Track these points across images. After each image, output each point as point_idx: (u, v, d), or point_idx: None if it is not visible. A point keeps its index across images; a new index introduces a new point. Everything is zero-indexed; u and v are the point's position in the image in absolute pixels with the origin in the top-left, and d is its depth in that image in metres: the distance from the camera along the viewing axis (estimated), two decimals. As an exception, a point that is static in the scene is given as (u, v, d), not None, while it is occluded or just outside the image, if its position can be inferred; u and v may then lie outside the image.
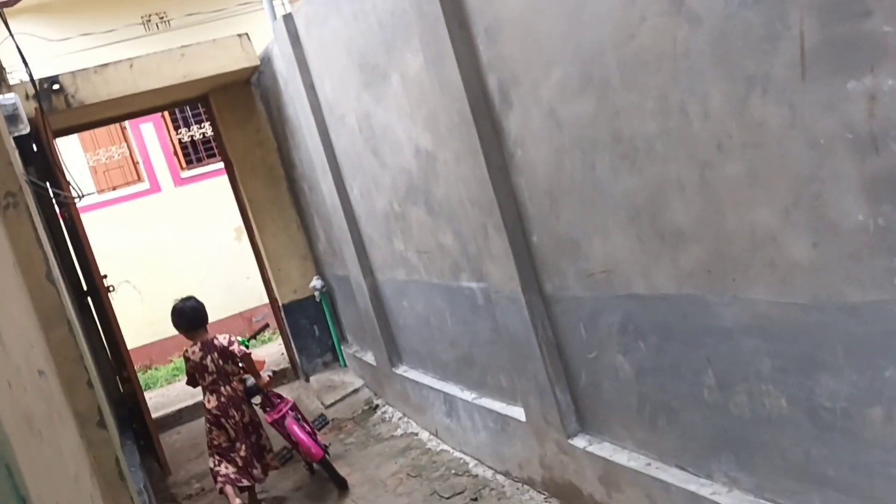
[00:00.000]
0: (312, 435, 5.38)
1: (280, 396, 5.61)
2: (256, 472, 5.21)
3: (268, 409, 5.41)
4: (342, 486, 5.19)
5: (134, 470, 4.62)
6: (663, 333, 2.84)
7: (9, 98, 3.70)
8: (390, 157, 4.81)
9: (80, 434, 2.65)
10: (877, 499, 2.19)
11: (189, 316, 5.28)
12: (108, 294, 6.31)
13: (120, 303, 8.01)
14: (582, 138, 2.87)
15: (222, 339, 5.21)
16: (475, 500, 4.41)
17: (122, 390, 6.59)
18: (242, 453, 5.13)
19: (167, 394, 9.14)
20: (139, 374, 9.58)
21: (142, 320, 9.72)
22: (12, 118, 3.56)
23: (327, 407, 7.26)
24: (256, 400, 5.43)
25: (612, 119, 2.66)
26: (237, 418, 5.17)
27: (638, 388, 3.11)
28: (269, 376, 5.58)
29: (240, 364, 5.24)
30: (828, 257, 2.10)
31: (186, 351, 5.25)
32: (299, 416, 5.48)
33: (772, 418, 2.47)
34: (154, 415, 7.11)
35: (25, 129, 3.84)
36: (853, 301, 2.07)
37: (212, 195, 11.38)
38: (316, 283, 7.85)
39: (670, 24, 2.26)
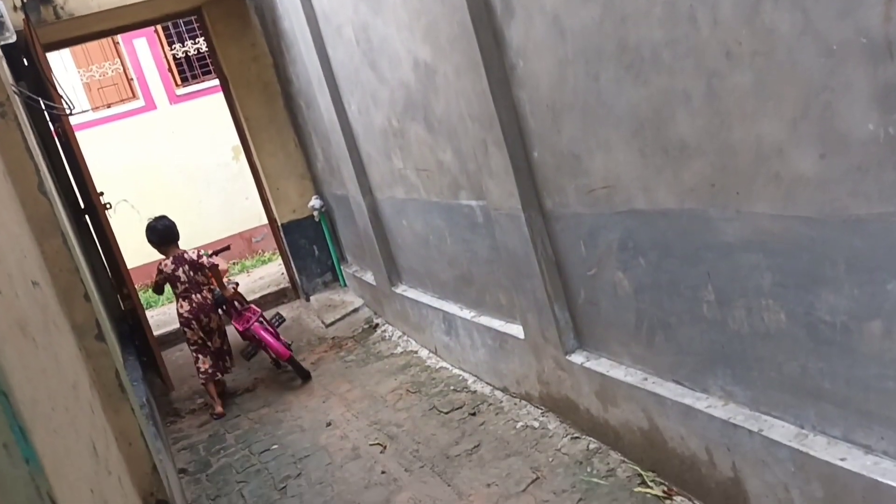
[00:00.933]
0: (277, 336, 6.19)
1: (247, 305, 6.39)
2: (223, 365, 6.13)
3: (234, 317, 6.22)
4: (306, 377, 6.03)
5: (136, 384, 4.67)
6: (663, 250, 2.81)
7: (-9, 5, 3.58)
8: (389, 70, 4.69)
9: (79, 346, 2.65)
10: (871, 412, 2.20)
11: (161, 233, 6.02)
12: (106, 212, 6.27)
13: (118, 222, 7.98)
14: (586, 48, 2.77)
15: (192, 254, 5.99)
16: (473, 414, 4.49)
17: (122, 307, 6.62)
18: (213, 349, 6.04)
19: (168, 312, 9.19)
20: (140, 294, 9.64)
21: (141, 240, 9.67)
22: (-4, 25, 3.45)
23: (327, 326, 7.33)
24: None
25: (618, 27, 2.56)
26: (205, 322, 6.00)
27: (636, 304, 3.10)
28: (233, 288, 6.29)
29: (207, 272, 6.04)
30: (834, 170, 2.05)
31: (160, 263, 6.01)
32: (264, 321, 6.27)
33: (770, 333, 2.46)
34: (155, 332, 7.18)
35: (12, 37, 3.72)
36: (858, 214, 2.03)
37: (208, 113, 11.21)
38: (315, 202, 7.81)
39: (682, -78, 2.15)
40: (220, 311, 6.15)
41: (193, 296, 5.95)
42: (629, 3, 2.47)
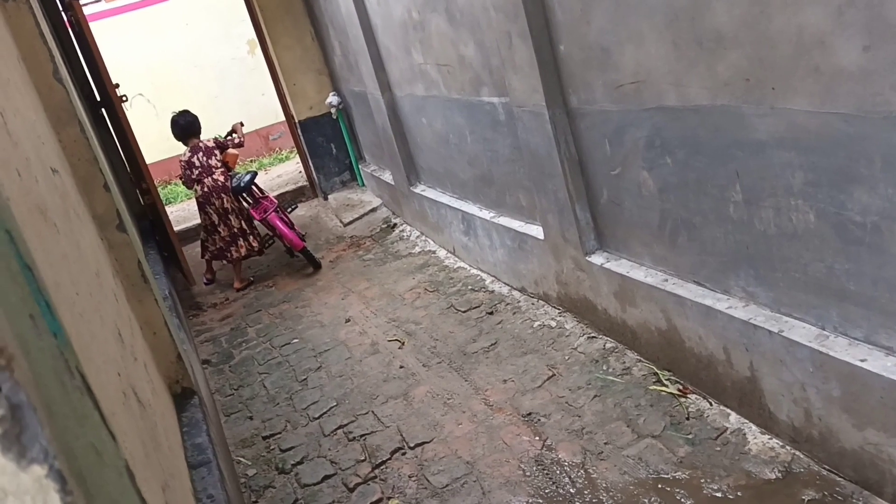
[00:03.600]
0: (292, 226, 6.58)
1: (266, 196, 6.65)
2: (235, 249, 6.39)
3: (253, 206, 6.47)
4: (317, 266, 6.41)
5: (158, 277, 4.73)
6: (692, 148, 2.74)
7: None
8: (410, -41, 4.50)
9: (100, 236, 2.66)
10: (895, 313, 2.18)
11: (182, 127, 6.50)
12: (122, 104, 6.20)
13: (135, 117, 7.91)
14: (620, -69, 2.62)
15: (207, 141, 6.47)
16: (491, 313, 4.52)
17: (142, 202, 6.64)
18: (224, 234, 6.38)
19: (188, 208, 9.24)
20: (159, 189, 9.67)
21: (158, 135, 9.61)
22: None
23: (345, 225, 7.34)
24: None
25: None
26: (217, 205, 6.36)
27: (661, 204, 3.05)
28: (237, 133, 6.78)
29: (219, 156, 6.44)
30: (878, 62, 1.95)
31: (181, 156, 6.47)
32: (280, 212, 6.57)
33: (797, 234, 2.42)
34: (176, 228, 7.22)
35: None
36: (901, 110, 1.95)
37: (223, 4, 10.90)
38: (332, 99, 7.68)
39: None
40: (239, 198, 6.43)
41: (206, 179, 6.36)
42: None
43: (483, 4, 3.74)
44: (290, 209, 6.94)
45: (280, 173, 10.31)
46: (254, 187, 6.48)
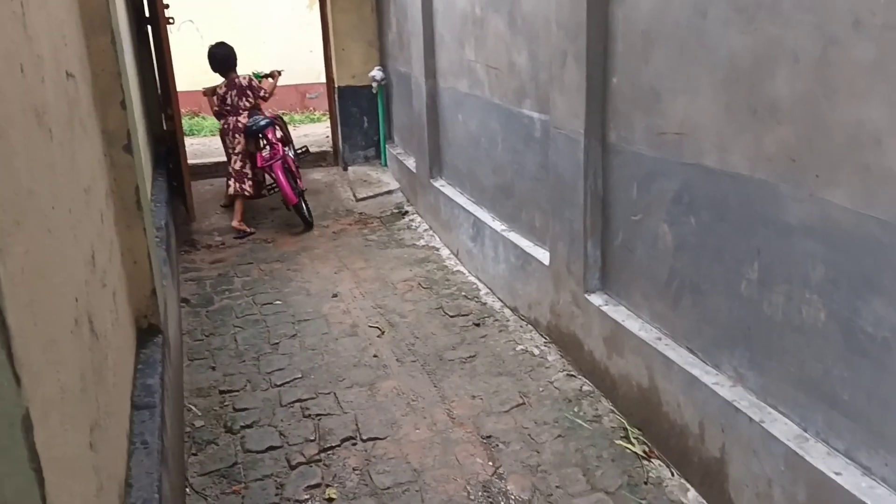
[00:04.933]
0: (295, 180, 6.54)
1: (283, 142, 6.74)
2: (243, 185, 6.54)
3: (260, 149, 6.52)
4: (308, 225, 6.50)
5: (159, 206, 4.66)
6: (718, 213, 2.64)
7: None
8: (486, -46, 4.40)
9: (105, 153, 2.58)
10: (883, 434, 2.08)
11: (219, 60, 6.58)
12: (167, 26, 6.13)
13: (180, 42, 7.85)
14: (702, -23, 2.52)
15: (243, 79, 6.58)
16: (477, 325, 4.44)
17: (164, 128, 6.57)
18: (236, 166, 6.56)
19: (209, 144, 9.17)
20: (185, 119, 9.59)
21: (199, 65, 9.52)
22: None
23: (357, 200, 7.26)
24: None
25: (745, -39, 2.31)
26: (229, 143, 6.58)
27: (673, 261, 2.96)
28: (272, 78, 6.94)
29: (251, 99, 6.58)
30: (933, 177, 1.86)
31: (217, 87, 6.64)
32: (287, 164, 6.50)
33: (804, 327, 2.32)
34: (191, 161, 7.16)
35: None
36: (943, 232, 1.85)
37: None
38: (376, 73, 7.59)
39: None
40: (255, 137, 6.48)
41: (229, 118, 6.57)
42: (766, -63, 2.21)
43: (547, 17, 3.65)
44: (300, 154, 7.10)
45: (308, 133, 10.23)
46: (270, 133, 6.48)
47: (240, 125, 6.49)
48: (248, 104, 6.55)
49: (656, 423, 3.10)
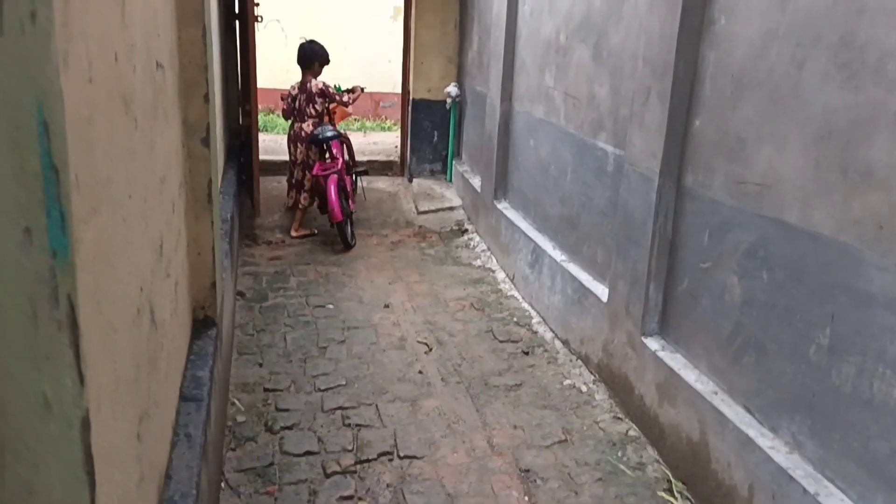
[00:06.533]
0: (346, 200, 6.33)
1: (344, 154, 6.56)
2: (299, 197, 6.46)
3: (319, 159, 6.41)
4: (347, 246, 6.22)
5: (226, 199, 4.73)
6: (794, 273, 2.54)
7: None
8: (577, -17, 4.37)
9: (182, 143, 2.62)
10: (952, 530, 1.95)
11: (301, 54, 6.45)
12: (255, 23, 6.25)
13: (265, 40, 8.01)
14: (804, 28, 2.43)
15: (315, 84, 6.36)
16: (526, 353, 4.37)
17: (240, 122, 6.69)
18: (297, 176, 6.47)
19: (280, 142, 9.30)
20: (261, 115, 9.77)
21: (281, 64, 9.72)
22: None
23: (419, 213, 7.27)
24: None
25: (852, 17, 2.22)
26: (293, 151, 6.47)
27: (739, 315, 2.85)
28: (350, 96, 6.61)
29: (317, 106, 6.40)
30: None
31: (292, 87, 6.50)
32: (343, 181, 6.32)
33: (873, 403, 2.20)
34: (262, 157, 7.26)
35: None
36: None
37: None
38: (452, 90, 7.61)
39: None
40: (320, 147, 6.42)
41: (296, 124, 6.45)
42: (878, -7, 2.12)
43: (634, 52, 3.59)
44: (356, 174, 6.94)
45: (377, 140, 10.32)
46: (336, 146, 6.40)
47: (303, 133, 6.38)
48: (314, 111, 6.40)
49: (703, 480, 2.98)
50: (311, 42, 6.51)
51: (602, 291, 4.01)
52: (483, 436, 3.47)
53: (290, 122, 6.61)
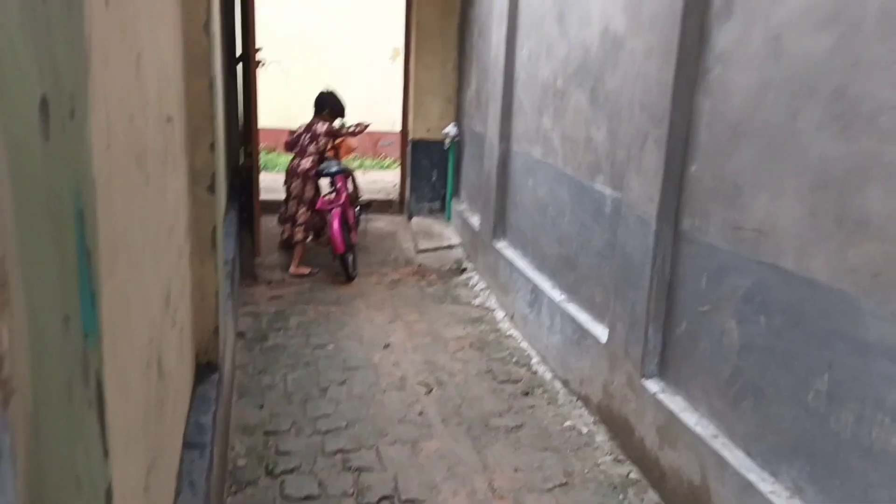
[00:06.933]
0: (348, 232, 6.44)
1: (347, 188, 6.71)
2: (294, 231, 6.51)
3: (326, 195, 6.50)
4: (349, 277, 6.41)
5: (228, 238, 4.76)
6: (792, 318, 2.57)
7: None
8: (574, 28, 4.46)
9: (189, 190, 2.66)
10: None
11: (317, 100, 6.74)
12: (257, 67, 6.35)
13: (266, 80, 8.11)
14: (799, 79, 2.50)
15: (321, 125, 6.57)
16: (526, 394, 4.38)
17: (241, 162, 6.76)
18: (291, 210, 6.55)
19: (280, 180, 9.37)
20: (262, 154, 9.85)
21: (281, 103, 9.87)
22: None
23: (418, 252, 7.30)
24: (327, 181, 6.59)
25: (845, 70, 2.28)
26: (290, 186, 6.57)
27: (738, 360, 2.88)
28: (350, 131, 6.82)
29: (319, 145, 6.54)
30: None
31: (301, 125, 6.73)
32: (346, 214, 6.45)
33: (872, 450, 2.22)
34: (263, 196, 7.32)
35: None
36: None
37: (384, 5, 11.16)
38: (451, 129, 7.70)
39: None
40: (325, 180, 6.53)
41: (295, 160, 6.60)
42: (870, 47, 2.19)
43: (631, 97, 3.66)
44: (359, 210, 7.07)
45: (377, 179, 10.40)
46: (340, 180, 6.54)
47: (300, 168, 6.49)
48: (314, 149, 6.54)
49: (704, 525, 2.98)
50: (331, 93, 6.74)
51: (601, 332, 4.03)
52: (484, 478, 3.47)
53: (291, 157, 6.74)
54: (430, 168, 8.10)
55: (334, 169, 6.46)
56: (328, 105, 6.68)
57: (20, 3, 0.51)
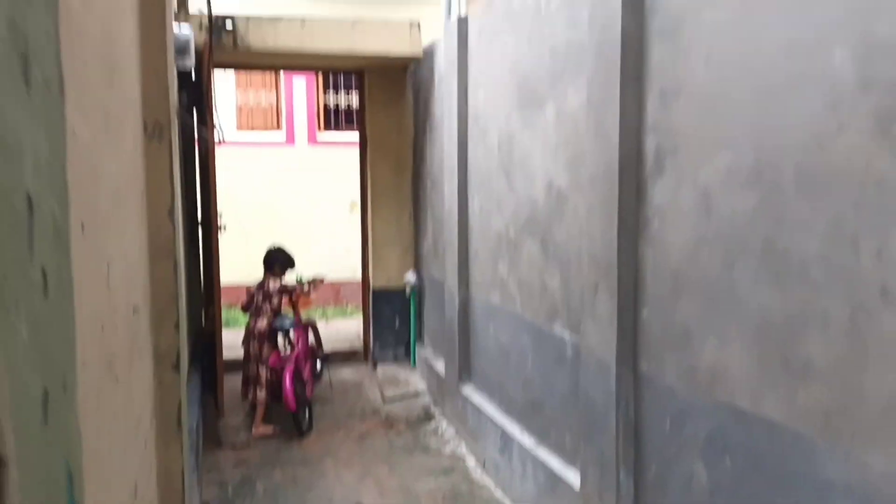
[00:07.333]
0: (303, 388, 6.44)
1: (310, 348, 6.82)
2: (256, 392, 6.44)
3: (276, 349, 6.53)
4: (301, 433, 6.30)
5: (192, 406, 4.71)
6: (754, 459, 2.62)
7: (185, 31, 3.82)
8: (521, 183, 4.72)
9: (154, 373, 2.68)
10: None
11: (266, 256, 6.76)
12: (218, 232, 6.50)
13: (226, 238, 8.25)
14: (730, 234, 2.68)
15: (275, 282, 6.59)
16: (503, 549, 4.27)
17: (203, 325, 6.77)
18: (250, 371, 6.49)
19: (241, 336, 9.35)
20: (223, 310, 9.84)
21: (241, 260, 9.98)
22: (182, 50, 3.67)
23: (385, 401, 7.25)
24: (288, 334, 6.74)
25: (771, 226, 2.46)
26: (248, 346, 6.52)
27: (710, 501, 2.89)
28: (305, 287, 6.84)
29: (274, 304, 6.55)
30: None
31: (254, 284, 6.75)
32: (299, 370, 6.45)
33: (850, 593, 2.23)
34: (226, 355, 7.28)
35: (191, 64, 3.95)
36: None
37: (339, 162, 11.60)
38: (410, 277, 7.86)
39: (870, 146, 2.06)
40: (280, 337, 6.57)
41: (251, 319, 6.59)
42: (791, 205, 2.38)
43: (579, 249, 3.84)
44: (319, 365, 7.05)
45: (340, 328, 10.43)
46: (295, 335, 6.61)
47: (257, 330, 6.48)
48: (269, 308, 6.55)
49: None
50: (279, 249, 6.82)
51: (574, 478, 4.01)
52: None
53: (248, 316, 6.76)
54: (393, 316, 8.19)
55: (288, 325, 6.54)
56: (277, 261, 6.74)
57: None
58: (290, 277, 6.87)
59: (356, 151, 8.48)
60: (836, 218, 2.19)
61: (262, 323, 6.48)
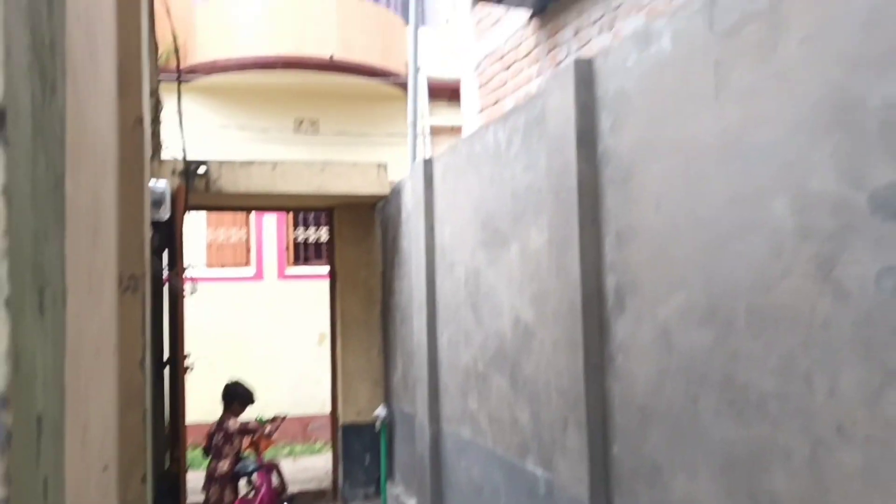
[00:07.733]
0: None
1: (274, 491, 6.64)
2: None
3: (243, 497, 6.48)
4: None
5: (153, 559, 4.51)
6: None
7: (160, 185, 3.97)
8: (488, 318, 4.81)
9: (119, 530, 2.62)
10: None
11: (224, 393, 6.74)
12: (185, 372, 6.44)
13: (193, 374, 8.14)
14: (691, 369, 2.77)
15: (233, 423, 6.46)
16: None
17: (166, 467, 6.58)
18: None
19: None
20: (189, 449, 9.56)
21: (208, 397, 9.79)
22: (157, 203, 3.80)
23: (356, 543, 6.99)
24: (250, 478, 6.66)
25: (728, 361, 2.56)
26: (209, 492, 6.38)
27: None
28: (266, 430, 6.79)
29: (234, 446, 6.45)
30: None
31: (214, 422, 6.67)
32: None
33: None
34: (189, 499, 7.03)
35: (166, 215, 4.08)
36: None
37: (307, 296, 11.68)
38: (381, 411, 7.77)
39: (813, 290, 2.20)
40: (242, 481, 6.47)
41: (213, 461, 6.49)
42: (745, 343, 2.49)
43: (547, 383, 3.89)
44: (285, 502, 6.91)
45: (308, 466, 10.15)
46: (258, 478, 6.48)
47: (217, 472, 6.36)
48: (229, 450, 6.44)
49: None
50: (237, 383, 6.78)
51: None
52: None
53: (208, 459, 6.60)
54: (363, 451, 8.03)
55: (251, 468, 6.39)
56: (236, 397, 6.65)
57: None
58: (249, 414, 6.79)
59: (326, 284, 8.58)
60: (788, 356, 2.30)
61: (224, 466, 6.33)
